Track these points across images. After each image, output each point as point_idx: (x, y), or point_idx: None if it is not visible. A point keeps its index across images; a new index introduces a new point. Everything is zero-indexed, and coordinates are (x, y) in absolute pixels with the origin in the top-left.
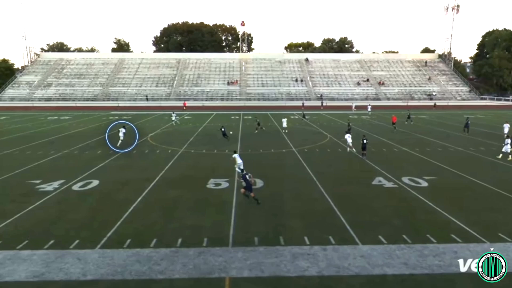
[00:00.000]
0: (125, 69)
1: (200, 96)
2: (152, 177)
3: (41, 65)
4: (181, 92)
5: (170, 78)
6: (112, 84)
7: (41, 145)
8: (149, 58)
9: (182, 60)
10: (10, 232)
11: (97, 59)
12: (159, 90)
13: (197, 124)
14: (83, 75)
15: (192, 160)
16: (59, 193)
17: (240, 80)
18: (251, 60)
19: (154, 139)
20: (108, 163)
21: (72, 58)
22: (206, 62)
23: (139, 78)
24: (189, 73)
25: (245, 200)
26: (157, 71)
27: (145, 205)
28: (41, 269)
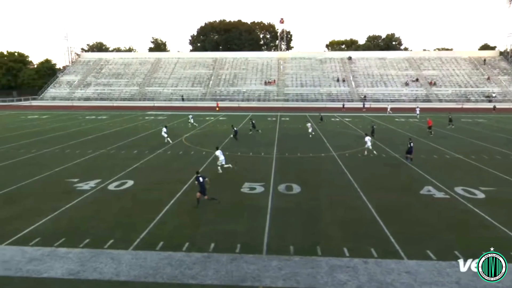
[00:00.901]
0: (161, 69)
1: (236, 97)
2: (185, 179)
3: (81, 65)
4: (217, 93)
5: (206, 78)
6: (149, 84)
7: (79, 144)
8: (185, 58)
9: (219, 59)
10: (49, 229)
11: (134, 58)
12: (194, 90)
13: (232, 125)
14: (120, 75)
15: (227, 161)
16: (95, 192)
17: (278, 80)
18: (290, 59)
19: (189, 140)
20: (143, 163)
21: (110, 58)
22: (243, 61)
23: (175, 78)
24: (225, 73)
25: (281, 207)
26: (193, 71)
27: (178, 207)
28: (76, 267)
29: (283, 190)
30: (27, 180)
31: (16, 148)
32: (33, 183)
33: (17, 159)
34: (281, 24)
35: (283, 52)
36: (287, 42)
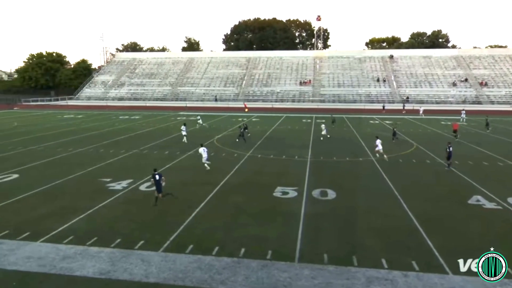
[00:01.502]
0: (194, 69)
1: (269, 97)
2: (216, 181)
3: (115, 65)
4: (250, 93)
5: (239, 78)
6: (181, 84)
7: (113, 143)
8: (218, 57)
9: (252, 58)
10: (82, 228)
11: (167, 58)
12: (227, 90)
13: (265, 127)
14: (153, 75)
15: (258, 165)
16: (127, 193)
17: (313, 80)
18: (327, 58)
19: (220, 141)
20: (175, 164)
21: (144, 58)
22: (277, 61)
23: (208, 77)
24: (258, 73)
25: (314, 213)
26: (225, 71)
27: (208, 210)
28: (107, 267)
29: (317, 196)
30: (63, 178)
31: (53, 147)
32: (68, 182)
33: (54, 157)
34: (318, 21)
35: (320, 51)
36: (324, 40)
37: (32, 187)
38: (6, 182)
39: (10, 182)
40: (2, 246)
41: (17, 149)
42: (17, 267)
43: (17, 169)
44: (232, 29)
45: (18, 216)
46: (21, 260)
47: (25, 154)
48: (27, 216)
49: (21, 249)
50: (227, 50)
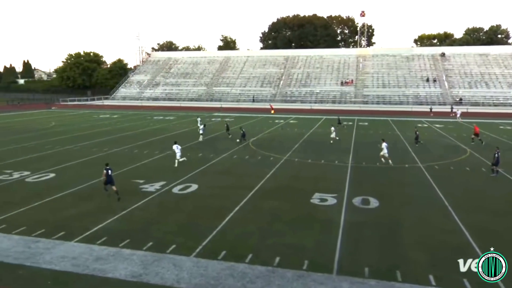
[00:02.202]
0: (230, 68)
1: (308, 98)
2: (251, 186)
3: (151, 64)
4: (287, 93)
5: (276, 78)
6: (216, 84)
7: (147, 144)
8: (255, 56)
9: (291, 57)
10: (115, 229)
11: (203, 57)
12: (264, 91)
13: (303, 129)
14: (188, 75)
15: (295, 170)
16: (160, 195)
17: (356, 80)
18: (371, 56)
19: (256, 144)
20: (208, 167)
21: (179, 57)
22: (317, 60)
23: (244, 77)
24: (297, 72)
25: (355, 222)
26: (262, 70)
27: (242, 216)
28: (139, 270)
29: (358, 204)
30: (98, 178)
31: (89, 146)
32: (102, 182)
33: (89, 157)
34: (362, 17)
35: (363, 49)
36: (368, 37)
37: (68, 186)
38: (43, 181)
39: (47, 181)
40: (38, 244)
41: (54, 149)
42: (52, 266)
43: (54, 169)
44: (270, 27)
45: (54, 215)
46: (56, 259)
47: (61, 154)
48: (62, 215)
49: (56, 248)
50: (264, 48)
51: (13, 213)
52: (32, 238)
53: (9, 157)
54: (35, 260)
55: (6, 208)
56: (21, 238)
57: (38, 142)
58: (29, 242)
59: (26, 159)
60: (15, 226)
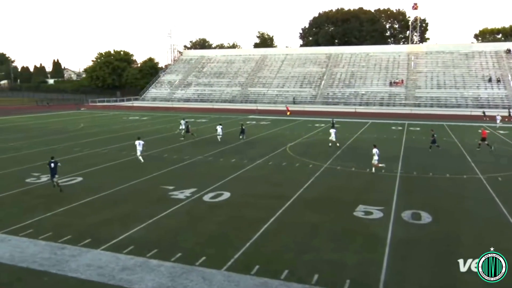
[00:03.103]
0: (266, 67)
1: (352, 100)
2: (288, 195)
3: (182, 63)
4: (329, 95)
5: (317, 78)
6: (252, 84)
7: (177, 148)
8: (294, 54)
9: (333, 55)
10: (142, 238)
11: (238, 56)
12: (303, 92)
13: (346, 134)
14: (222, 74)
15: (337, 178)
16: (190, 203)
17: (407, 80)
18: (424, 53)
19: (294, 149)
20: (242, 174)
21: (213, 55)
22: (363, 57)
23: (282, 77)
24: (340, 71)
25: (404, 238)
26: (302, 69)
27: (278, 227)
28: (167, 282)
29: (408, 218)
30: (126, 183)
31: (118, 149)
32: (130, 187)
33: (118, 161)
34: (414, 10)
35: (416, 45)
36: (421, 32)
37: (95, 191)
38: (70, 185)
39: (74, 186)
40: (64, 251)
41: (82, 151)
42: (78, 274)
43: (82, 172)
44: (311, 22)
45: (80, 221)
46: (82, 268)
47: (90, 157)
48: (89, 222)
49: (82, 256)
50: (305, 45)
51: (40, 218)
52: (58, 245)
53: (38, 159)
54: (60, 267)
55: (33, 212)
56: (48, 244)
57: (67, 144)
58: (55, 249)
59: None
60: (42, 231)
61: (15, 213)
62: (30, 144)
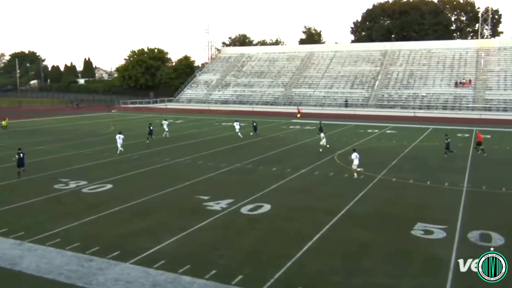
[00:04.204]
0: (313, 66)
1: (410, 103)
2: (336, 209)
3: (220, 62)
4: (384, 97)
5: (370, 77)
6: (296, 85)
7: (213, 155)
8: (345, 51)
9: (389, 52)
10: (174, 252)
11: (281, 53)
12: (354, 93)
13: (403, 141)
14: (263, 74)
15: (393, 192)
16: (227, 215)
17: (475, 80)
18: (496, 49)
19: (343, 158)
20: (284, 184)
21: (253, 53)
22: (424, 54)
23: (330, 77)
24: (397, 70)
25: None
26: (353, 68)
27: (323, 245)
28: None
29: (475, 240)
30: (157, 192)
31: (149, 155)
32: (162, 196)
33: (149, 167)
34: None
35: (486, 40)
36: (492, 25)
37: (125, 199)
38: (99, 192)
39: (104, 193)
40: (91, 263)
41: (112, 156)
42: None
43: (112, 179)
44: (364, 15)
45: (109, 231)
46: (110, 282)
47: (120, 162)
48: (118, 232)
49: (110, 269)
50: (357, 41)
51: (67, 227)
52: (86, 256)
53: (67, 164)
54: (87, 280)
55: (61, 220)
56: (74, 255)
57: (96, 148)
58: (83, 260)
59: (83, 167)
60: (69, 241)
61: (42, 221)
62: (59, 148)
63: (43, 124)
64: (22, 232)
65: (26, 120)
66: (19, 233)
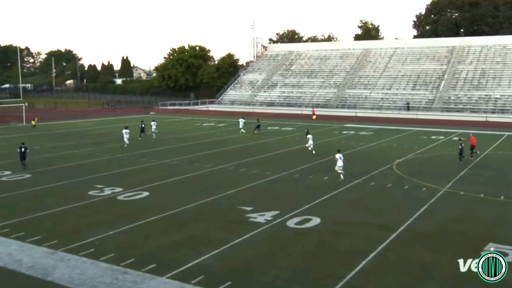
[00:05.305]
0: (369, 64)
1: (482, 106)
2: (394, 225)
3: (267, 60)
4: (451, 99)
5: (435, 77)
6: (351, 85)
7: (257, 162)
8: (406, 47)
9: (458, 48)
10: (214, 267)
11: (334, 50)
12: (416, 95)
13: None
14: (314, 73)
15: (460, 207)
16: (271, 228)
17: None
18: None
19: (403, 167)
20: (335, 195)
21: (303, 50)
22: (498, 51)
23: (389, 76)
24: (466, 69)
25: None
26: (416, 66)
27: (380, 265)
28: None
29: None
30: (197, 201)
31: (189, 161)
32: (202, 206)
33: (188, 174)
34: None
35: None
36: None
37: (163, 208)
38: (135, 200)
39: (140, 201)
40: (126, 276)
41: (149, 162)
42: None
43: (148, 186)
44: (428, 7)
45: (145, 242)
46: None
47: (158, 168)
48: (154, 244)
49: (145, 283)
50: (420, 37)
51: (101, 236)
52: (121, 268)
53: (102, 169)
54: None
55: (95, 229)
56: (109, 266)
57: (133, 153)
58: (117, 273)
59: (119, 173)
60: (103, 252)
61: (76, 229)
62: (95, 152)
63: (78, 127)
64: (55, 241)
65: (61, 122)
66: (52, 241)
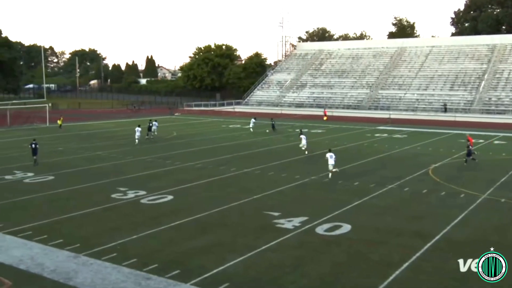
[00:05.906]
0: (404, 63)
1: None
2: (429, 233)
3: (296, 59)
4: (492, 100)
5: (475, 77)
6: (384, 86)
7: (285, 165)
8: (443, 46)
9: (499, 46)
10: (240, 275)
11: (367, 49)
12: (454, 96)
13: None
14: (345, 73)
15: (502, 215)
16: (299, 235)
17: None
18: None
19: (439, 172)
20: (367, 201)
21: (334, 49)
22: None
23: (425, 76)
24: (509, 68)
25: None
26: (454, 66)
27: (414, 275)
28: None
29: None
30: (222, 205)
31: (214, 164)
32: (227, 210)
33: (214, 178)
34: None
35: None
36: None
37: (187, 212)
38: (159, 204)
39: (164, 205)
40: (149, 282)
41: (173, 165)
42: None
43: (172, 189)
44: (467, 3)
45: (169, 247)
46: None
47: (182, 171)
48: (178, 249)
49: None
50: (458, 34)
51: (125, 240)
52: (144, 274)
53: (126, 171)
54: None
55: (118, 233)
56: (132, 272)
57: (157, 155)
58: (140, 278)
59: (143, 176)
60: (126, 257)
61: (98, 233)
62: (118, 153)
63: (101, 128)
64: (77, 244)
65: (84, 123)
66: (75, 245)
